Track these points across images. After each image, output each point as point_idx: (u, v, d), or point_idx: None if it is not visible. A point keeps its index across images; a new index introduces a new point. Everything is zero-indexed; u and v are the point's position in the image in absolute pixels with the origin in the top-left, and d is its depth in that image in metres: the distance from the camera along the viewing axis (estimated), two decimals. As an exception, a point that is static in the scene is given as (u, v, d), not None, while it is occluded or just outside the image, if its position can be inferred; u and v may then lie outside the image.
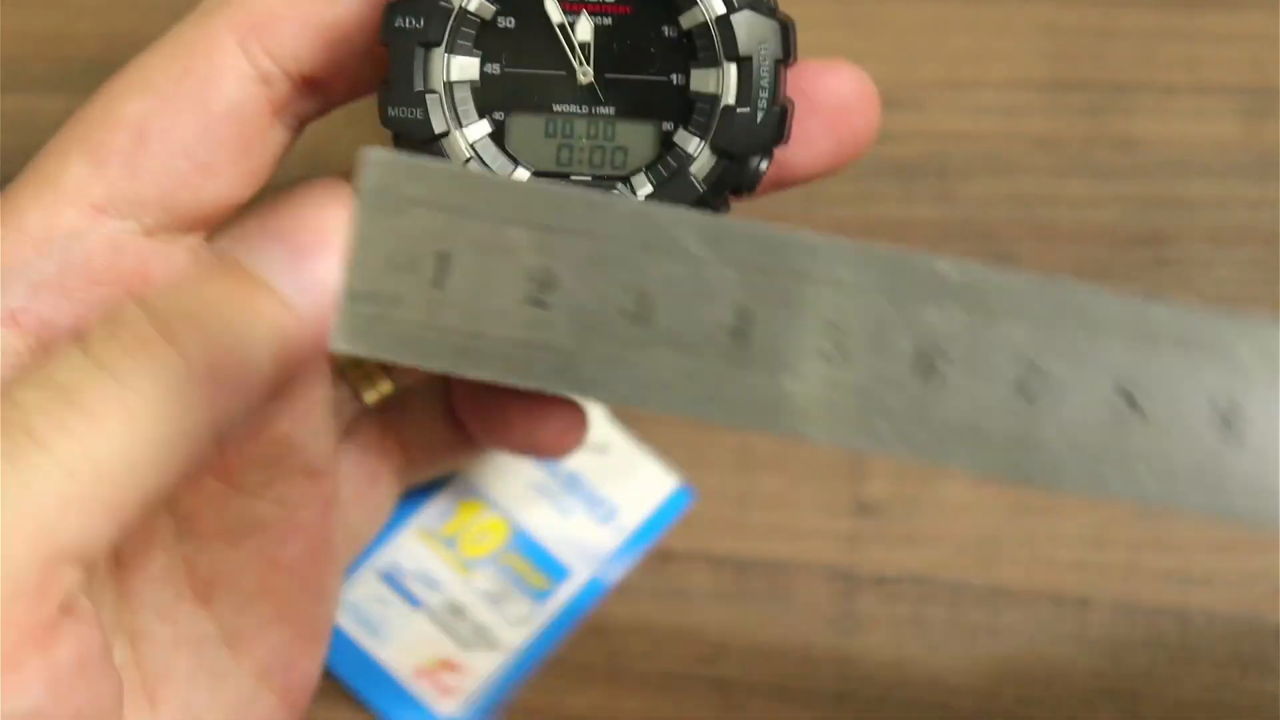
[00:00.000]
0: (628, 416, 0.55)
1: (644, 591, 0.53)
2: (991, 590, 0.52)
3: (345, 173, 0.39)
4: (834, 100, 0.40)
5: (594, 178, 0.39)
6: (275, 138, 0.41)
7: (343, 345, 0.33)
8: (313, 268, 0.36)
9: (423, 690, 0.51)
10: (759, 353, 0.33)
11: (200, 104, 0.39)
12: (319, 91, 0.40)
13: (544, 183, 0.35)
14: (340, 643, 0.51)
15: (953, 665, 0.51)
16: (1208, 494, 0.34)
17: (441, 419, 0.49)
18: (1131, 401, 0.34)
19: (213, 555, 0.44)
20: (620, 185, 0.39)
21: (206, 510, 0.44)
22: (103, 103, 0.39)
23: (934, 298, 0.33)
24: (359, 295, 0.33)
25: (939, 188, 0.58)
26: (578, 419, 0.48)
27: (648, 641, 0.52)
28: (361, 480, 0.49)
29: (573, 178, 0.39)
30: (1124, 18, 0.60)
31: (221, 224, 0.41)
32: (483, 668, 0.51)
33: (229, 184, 0.39)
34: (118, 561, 0.43)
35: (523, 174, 0.39)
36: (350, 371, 0.47)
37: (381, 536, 0.53)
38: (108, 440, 0.34)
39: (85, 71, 0.61)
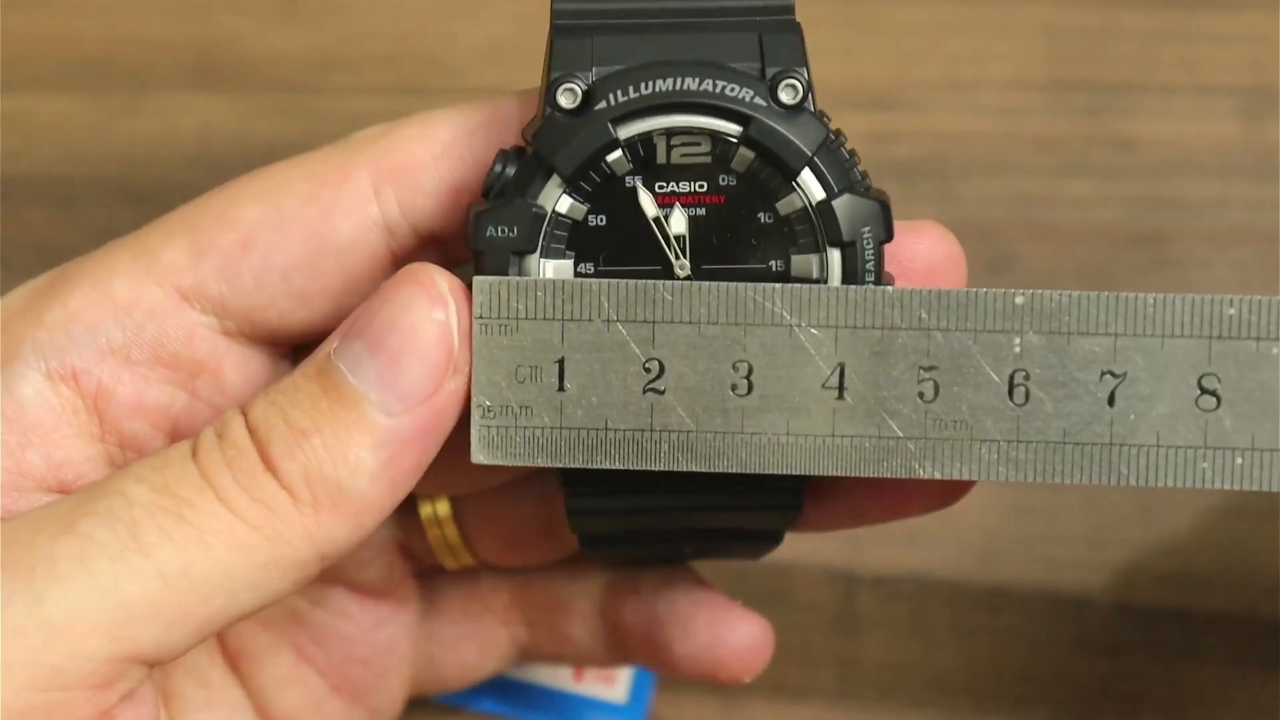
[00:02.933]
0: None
1: (644, 591, 0.52)
2: (991, 590, 0.52)
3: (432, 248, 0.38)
4: (922, 265, 0.39)
5: None
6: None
7: (481, 458, 0.37)
8: (409, 376, 0.36)
9: (589, 689, 0.51)
10: (860, 402, 0.36)
11: (314, 233, 0.38)
12: (441, 248, 0.40)
13: (639, 280, 0.36)
14: (498, 686, 0.51)
15: (952, 665, 0.51)
16: None
17: (584, 617, 0.46)
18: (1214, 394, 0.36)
19: (241, 631, 0.44)
20: None
21: None
22: (226, 197, 0.39)
23: (1013, 327, 0.36)
24: (491, 410, 0.36)
25: (939, 188, 0.58)
26: (767, 636, 0.44)
27: (648, 641, 0.52)
28: (467, 632, 0.47)
29: None
30: (1124, 18, 0.60)
31: (304, 345, 0.40)
32: None
33: (320, 315, 0.39)
34: None
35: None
36: (430, 533, 0.45)
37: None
38: (208, 559, 0.34)
39: (85, 71, 0.61)
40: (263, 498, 0.35)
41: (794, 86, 0.37)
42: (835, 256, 0.37)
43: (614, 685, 0.51)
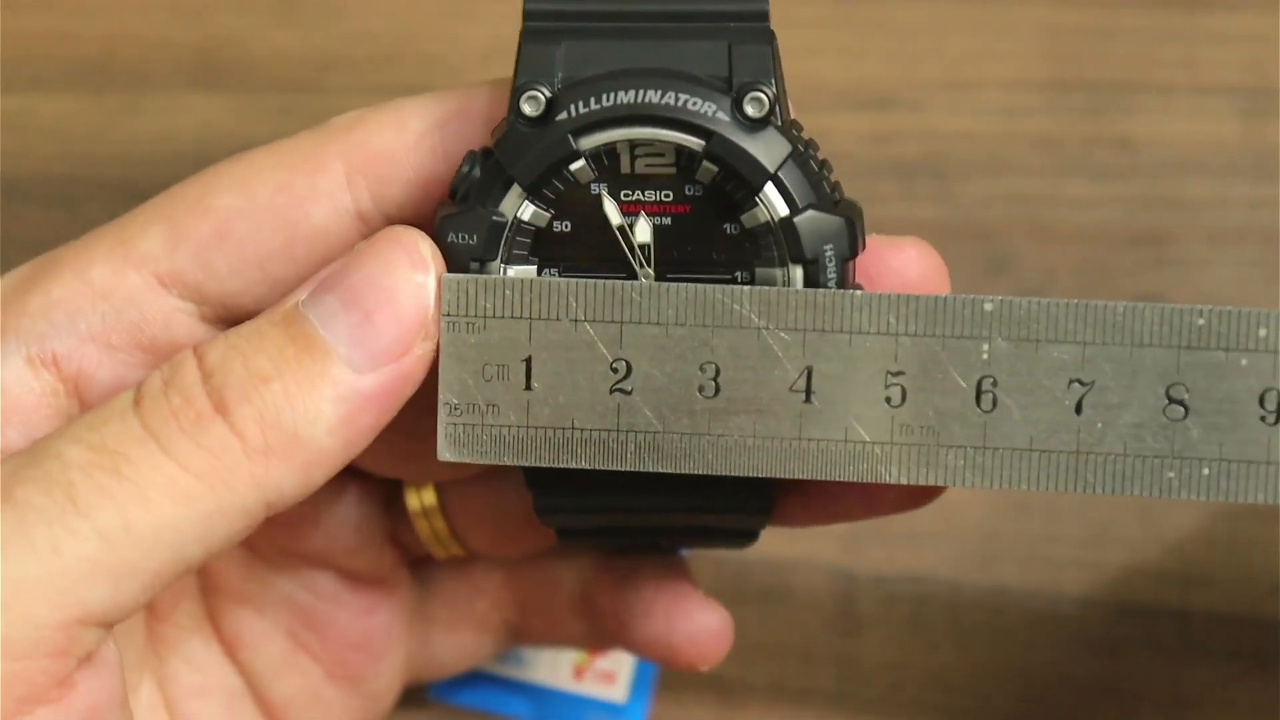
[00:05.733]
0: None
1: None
2: (991, 590, 0.52)
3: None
4: (896, 282, 0.38)
5: None
6: None
7: (447, 456, 0.37)
8: (380, 334, 0.36)
9: (589, 689, 0.51)
10: (827, 406, 0.36)
11: (287, 221, 0.38)
12: None
13: (607, 280, 0.36)
14: (497, 686, 0.51)
15: (952, 665, 0.51)
16: (1261, 484, 0.36)
17: (570, 599, 0.46)
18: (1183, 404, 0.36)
19: (235, 616, 0.44)
20: None
21: (228, 571, 0.44)
22: (202, 184, 0.39)
23: (982, 333, 0.36)
24: (457, 408, 0.36)
25: (939, 188, 0.58)
26: (723, 627, 0.44)
27: (647, 641, 0.52)
28: (462, 614, 0.47)
29: None
30: (1124, 18, 0.60)
31: None
32: None
33: None
34: (147, 607, 0.43)
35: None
36: (418, 525, 0.46)
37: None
38: (149, 513, 0.34)
39: (85, 71, 0.61)
40: (209, 445, 0.35)
41: (759, 100, 0.36)
42: (797, 272, 0.37)
43: (614, 685, 0.51)
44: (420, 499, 0.45)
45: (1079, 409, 0.36)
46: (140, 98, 0.60)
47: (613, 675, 0.51)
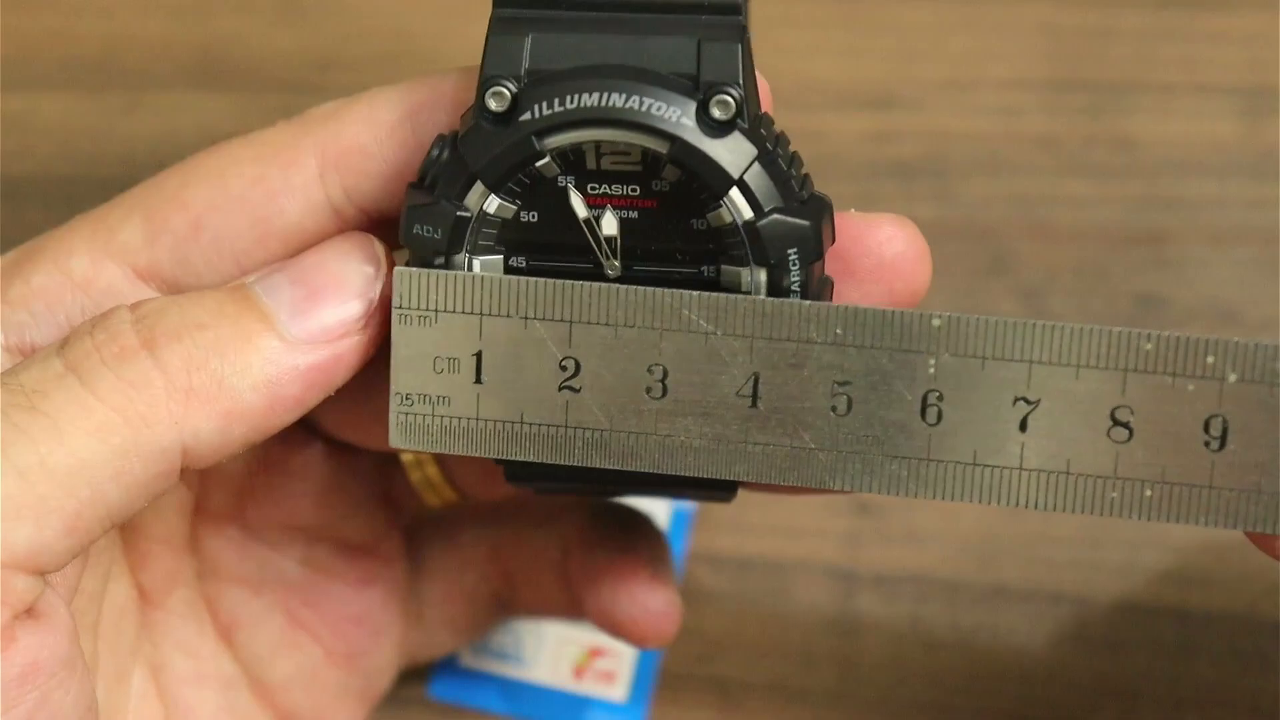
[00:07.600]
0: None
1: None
2: (990, 590, 0.52)
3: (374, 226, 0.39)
4: (870, 262, 0.38)
5: None
6: None
7: (399, 443, 0.37)
8: (321, 311, 0.36)
9: (589, 688, 0.51)
10: (773, 412, 0.36)
11: (261, 216, 0.38)
12: (391, 227, 0.39)
13: (559, 280, 0.36)
14: (497, 686, 0.51)
15: (952, 665, 0.51)
16: (1203, 508, 0.36)
17: (553, 567, 0.46)
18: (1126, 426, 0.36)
19: (233, 599, 0.44)
20: None
21: (225, 552, 0.44)
22: (180, 176, 0.39)
23: (929, 348, 0.36)
24: (409, 398, 0.37)
25: (939, 188, 0.58)
26: (668, 609, 0.44)
27: (647, 641, 0.52)
28: (452, 588, 0.47)
29: None
30: (1123, 18, 0.60)
31: None
32: None
33: None
34: (140, 593, 0.43)
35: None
36: (412, 475, 0.46)
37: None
38: (66, 448, 0.34)
39: (85, 71, 0.61)
40: (130, 377, 0.35)
41: (725, 103, 0.36)
42: (761, 275, 0.36)
43: (614, 685, 0.51)
44: None
45: (1024, 426, 0.36)
46: (140, 98, 0.60)
47: (613, 675, 0.51)
